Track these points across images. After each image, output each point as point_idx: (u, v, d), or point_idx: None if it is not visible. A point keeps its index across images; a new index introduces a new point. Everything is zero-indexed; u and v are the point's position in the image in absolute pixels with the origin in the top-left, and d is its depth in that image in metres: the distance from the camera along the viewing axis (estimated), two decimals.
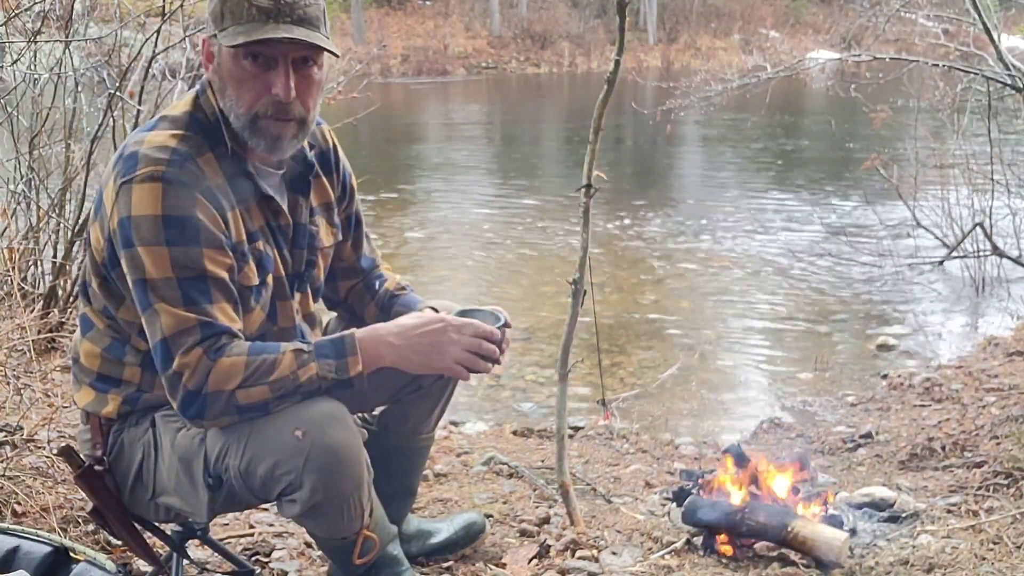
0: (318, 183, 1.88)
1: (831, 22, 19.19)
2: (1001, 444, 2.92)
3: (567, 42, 27.02)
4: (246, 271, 1.69)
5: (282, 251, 1.79)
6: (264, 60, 1.64)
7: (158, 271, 1.58)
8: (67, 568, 1.39)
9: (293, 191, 1.81)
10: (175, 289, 1.58)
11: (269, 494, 1.65)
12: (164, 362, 1.60)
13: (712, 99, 5.76)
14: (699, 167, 12.06)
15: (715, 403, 4.29)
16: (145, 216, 1.58)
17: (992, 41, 3.87)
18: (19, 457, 2.42)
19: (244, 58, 1.63)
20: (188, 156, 1.63)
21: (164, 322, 1.58)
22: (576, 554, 2.28)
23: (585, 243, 2.36)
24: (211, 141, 1.68)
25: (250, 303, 1.71)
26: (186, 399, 1.59)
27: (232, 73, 1.65)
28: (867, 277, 6.27)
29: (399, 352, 1.69)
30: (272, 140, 1.68)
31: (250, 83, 1.65)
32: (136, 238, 1.58)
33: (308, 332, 1.88)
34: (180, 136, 1.65)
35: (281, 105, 1.65)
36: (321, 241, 1.88)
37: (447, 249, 7.49)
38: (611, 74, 2.29)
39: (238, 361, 1.59)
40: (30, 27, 3.73)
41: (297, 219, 1.81)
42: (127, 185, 1.59)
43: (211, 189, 1.63)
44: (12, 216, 3.77)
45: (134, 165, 1.60)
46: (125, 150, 1.65)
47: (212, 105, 1.70)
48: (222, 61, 1.66)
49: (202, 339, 1.58)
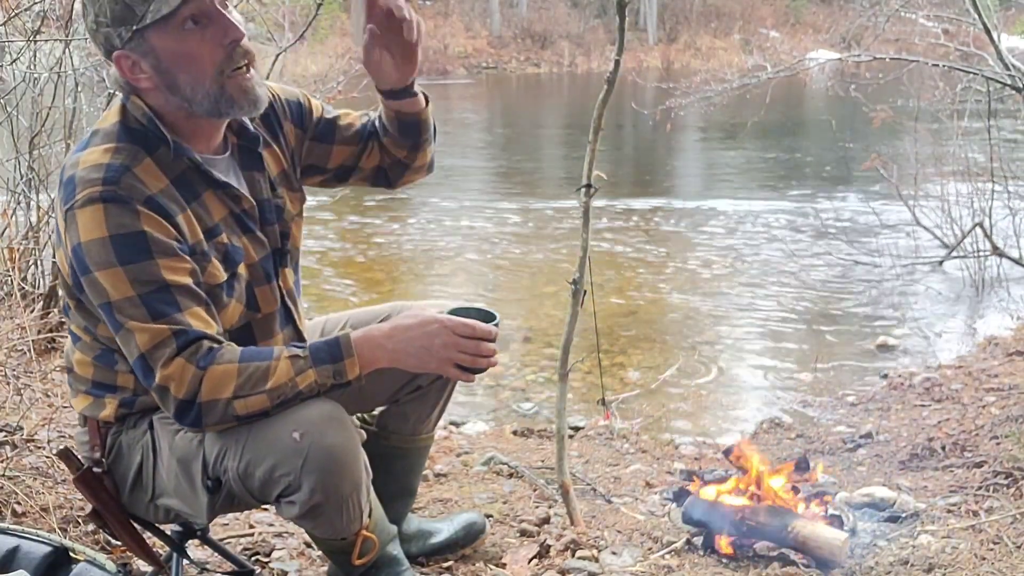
0: (270, 152, 1.81)
1: (831, 22, 19.17)
2: (1001, 444, 2.92)
3: (567, 42, 27.01)
4: (211, 270, 1.65)
5: (254, 234, 1.74)
6: (201, 18, 1.56)
7: (119, 292, 1.55)
8: (67, 568, 1.39)
9: (247, 168, 1.76)
10: (140, 306, 1.55)
11: (268, 496, 1.65)
12: (147, 377, 1.58)
13: (712, 99, 5.77)
14: (699, 167, 12.06)
15: (715, 403, 4.29)
16: (93, 240, 1.55)
17: (992, 41, 3.88)
18: (19, 457, 2.42)
19: (183, 26, 1.56)
20: (124, 168, 1.57)
21: (139, 339, 1.56)
22: (576, 554, 2.28)
23: (585, 243, 2.36)
24: (147, 146, 1.62)
25: (222, 300, 1.67)
26: (180, 408, 1.57)
27: (178, 51, 1.57)
28: (867, 277, 6.27)
29: (394, 354, 1.67)
30: (246, 95, 1.62)
31: (202, 47, 1.57)
32: (91, 263, 1.55)
33: (293, 310, 1.85)
34: (113, 149, 1.59)
35: (240, 49, 1.58)
36: (289, 211, 1.83)
37: (447, 249, 7.48)
38: (611, 74, 2.29)
39: (230, 369, 1.57)
40: (30, 26, 3.72)
41: (259, 197, 1.76)
42: (71, 212, 1.56)
43: (154, 198, 1.58)
44: (12, 216, 3.77)
45: (72, 190, 1.56)
46: (63, 174, 1.60)
47: (141, 108, 1.63)
48: (159, 53, 1.57)
49: (180, 348, 1.55)
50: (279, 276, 1.80)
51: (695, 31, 28.58)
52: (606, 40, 26.23)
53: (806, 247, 7.18)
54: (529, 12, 28.41)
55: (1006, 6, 8.35)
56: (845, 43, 8.93)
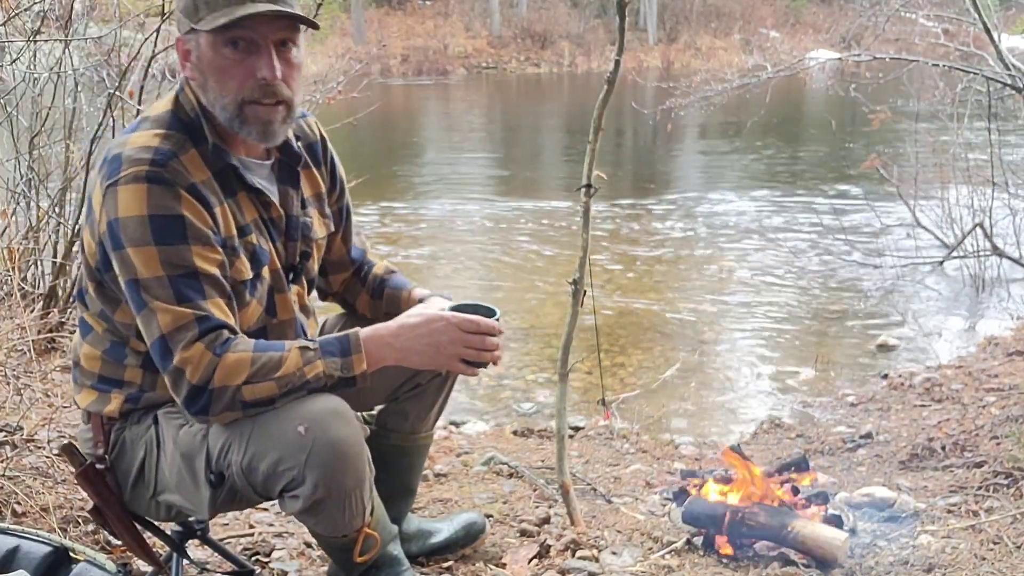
0: (308, 174, 1.87)
1: (831, 22, 19.17)
2: (1001, 444, 2.92)
3: (567, 42, 27.01)
4: (238, 265, 1.68)
5: (276, 244, 1.78)
6: (245, 45, 1.63)
7: (149, 270, 1.58)
8: (67, 568, 1.39)
9: (283, 183, 1.81)
10: (167, 287, 1.58)
11: (271, 490, 1.65)
12: (164, 359, 1.59)
13: (712, 99, 5.77)
14: (699, 167, 12.06)
15: (715, 403, 4.29)
16: (132, 217, 1.58)
17: (992, 41, 3.88)
18: (19, 457, 2.42)
19: (224, 46, 1.63)
20: (171, 154, 1.63)
21: (161, 320, 1.58)
22: (576, 554, 2.28)
23: (585, 243, 2.36)
24: (194, 138, 1.68)
25: (245, 297, 1.71)
26: (191, 394, 1.59)
27: (213, 63, 1.65)
28: (867, 277, 6.27)
29: (401, 352, 1.71)
30: (263, 126, 1.68)
31: (233, 70, 1.64)
32: (125, 239, 1.58)
33: (306, 324, 1.89)
34: (163, 135, 1.65)
35: (268, 88, 1.64)
36: (315, 232, 1.88)
37: (446, 249, 7.49)
38: (611, 74, 2.29)
39: (244, 357, 1.59)
40: (30, 27, 3.73)
41: (289, 211, 1.81)
42: (112, 187, 1.60)
43: (196, 186, 1.63)
44: (12, 216, 3.77)
45: (118, 167, 1.60)
46: (109, 153, 1.65)
47: (192, 102, 1.70)
48: (201, 54, 1.66)
49: (201, 333, 1.58)
50: (293, 289, 1.83)
51: (695, 31, 28.58)
52: (606, 40, 26.23)
53: (806, 247, 7.18)
54: (529, 12, 28.41)
55: (1006, 6, 8.36)
56: (845, 43, 8.93)
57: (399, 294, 1.98)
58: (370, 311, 2.03)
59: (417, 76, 24.44)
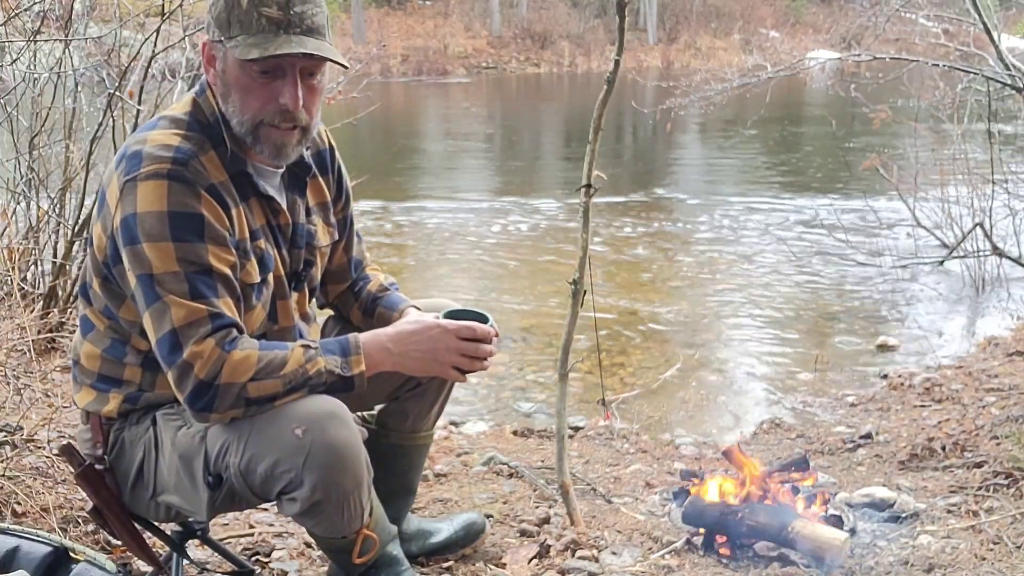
0: (315, 183, 1.90)
1: (831, 22, 19.19)
2: (1001, 444, 2.92)
3: (567, 42, 27.03)
4: (248, 268, 1.70)
5: (281, 250, 1.80)
6: (272, 70, 1.65)
7: (165, 265, 1.59)
8: (67, 568, 1.39)
9: (291, 191, 1.83)
10: (183, 282, 1.59)
11: (269, 492, 1.65)
12: (173, 352, 1.59)
13: (712, 99, 5.76)
14: (699, 167, 12.06)
15: (715, 403, 4.29)
16: (150, 212, 1.59)
17: (992, 41, 3.88)
18: (19, 457, 2.42)
19: (254, 66, 1.65)
20: (192, 154, 1.64)
21: (174, 314, 1.58)
22: (576, 554, 2.28)
23: (585, 243, 2.36)
24: (213, 140, 1.70)
25: (252, 300, 1.72)
26: (197, 389, 1.58)
27: (239, 81, 1.67)
28: (867, 277, 6.27)
29: (398, 358, 1.74)
30: (276, 148, 1.70)
31: (257, 92, 1.66)
32: (141, 234, 1.59)
33: (306, 330, 1.90)
34: (182, 135, 1.67)
35: (287, 113, 1.67)
36: (319, 240, 1.90)
37: (446, 249, 7.48)
38: (611, 74, 2.29)
39: (251, 355, 1.60)
40: (30, 27, 3.73)
41: (295, 219, 1.83)
42: (131, 183, 1.60)
43: (216, 187, 1.65)
44: (12, 216, 3.77)
45: (138, 163, 1.61)
46: (128, 149, 1.66)
47: (212, 106, 1.71)
48: (227, 68, 1.67)
49: (213, 330, 1.59)
50: (294, 296, 1.85)
51: (695, 31, 28.60)
52: (606, 40, 26.24)
53: (806, 247, 7.18)
54: (529, 12, 28.43)
55: (1006, 6, 8.36)
56: (845, 43, 8.93)
57: (390, 315, 1.97)
58: (363, 325, 2.02)
59: (417, 76, 24.45)
